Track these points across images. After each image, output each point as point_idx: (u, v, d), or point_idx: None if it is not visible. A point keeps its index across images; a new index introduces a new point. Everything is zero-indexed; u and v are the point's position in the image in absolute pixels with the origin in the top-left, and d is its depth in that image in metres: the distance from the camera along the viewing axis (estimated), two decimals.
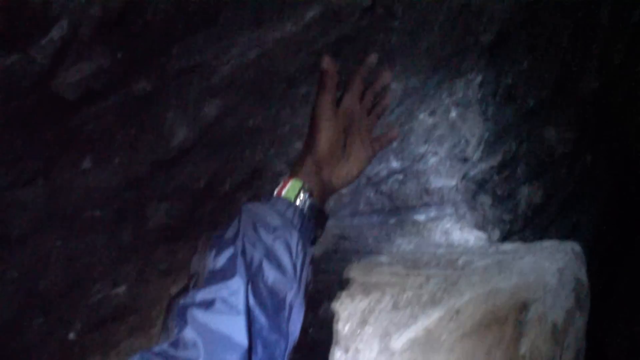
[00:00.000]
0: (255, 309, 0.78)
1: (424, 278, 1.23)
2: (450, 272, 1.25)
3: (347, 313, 1.20)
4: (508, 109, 1.81)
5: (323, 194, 0.97)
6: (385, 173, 1.69)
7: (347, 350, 1.17)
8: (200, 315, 0.76)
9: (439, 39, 1.52)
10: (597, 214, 2.46)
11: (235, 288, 0.78)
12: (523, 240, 1.85)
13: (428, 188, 1.73)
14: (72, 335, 1.29)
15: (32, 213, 1.09)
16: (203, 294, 0.78)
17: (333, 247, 1.56)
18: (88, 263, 1.24)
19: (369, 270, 1.30)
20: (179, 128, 1.18)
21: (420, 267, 1.30)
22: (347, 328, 1.18)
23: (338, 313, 1.20)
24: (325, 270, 1.37)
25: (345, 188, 1.12)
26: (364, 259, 1.38)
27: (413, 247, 1.60)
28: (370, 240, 1.64)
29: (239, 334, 0.74)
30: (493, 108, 1.75)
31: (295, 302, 0.84)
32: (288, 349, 0.82)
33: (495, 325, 1.10)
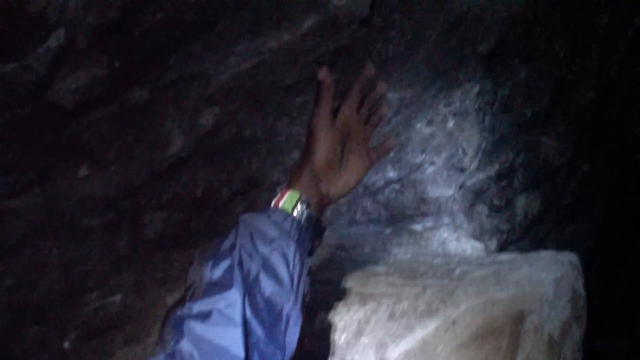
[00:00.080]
0: (252, 321, 0.78)
1: (421, 288, 1.23)
2: (447, 282, 1.25)
3: (343, 323, 1.19)
4: (505, 119, 1.81)
5: (320, 205, 0.96)
6: (382, 183, 1.69)
7: None
8: (197, 327, 0.75)
9: (437, 50, 1.53)
10: (594, 224, 2.46)
11: (232, 300, 0.78)
12: (520, 250, 1.85)
13: (425, 198, 1.73)
14: (67, 344, 1.28)
15: (27, 221, 1.09)
16: (200, 306, 0.78)
17: (329, 256, 1.56)
18: (84, 272, 1.23)
19: (365, 280, 1.30)
20: (176, 137, 1.18)
21: (417, 277, 1.30)
22: (343, 338, 1.17)
23: (334, 323, 1.20)
24: (322, 280, 1.37)
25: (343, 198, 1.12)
26: (361, 269, 1.37)
27: (410, 257, 1.60)
28: (367, 250, 1.64)
29: (236, 346, 0.74)
30: (490, 118, 1.75)
31: (292, 313, 0.84)
32: None
33: (492, 336, 1.10)
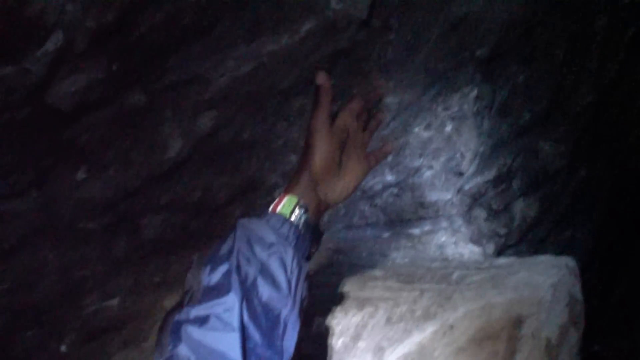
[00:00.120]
0: (250, 326, 0.78)
1: (418, 292, 1.23)
2: (445, 286, 1.24)
3: (340, 328, 1.19)
4: (503, 123, 1.81)
5: (318, 210, 0.97)
6: (380, 187, 1.69)
7: None
8: (195, 332, 0.75)
9: (435, 53, 1.53)
10: (594, 227, 2.46)
11: (230, 304, 0.78)
12: (518, 255, 1.86)
13: (423, 202, 1.73)
14: (64, 348, 1.28)
15: (26, 223, 1.09)
16: (197, 311, 0.78)
17: (327, 260, 1.56)
18: (82, 274, 1.23)
19: (363, 285, 1.30)
20: (174, 140, 1.18)
21: (415, 281, 1.30)
22: (340, 343, 1.17)
23: (331, 327, 1.20)
24: (319, 284, 1.37)
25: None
26: (358, 273, 1.37)
27: (407, 261, 1.60)
28: (364, 254, 1.64)
29: (233, 351, 0.74)
30: (488, 122, 1.75)
31: (290, 318, 0.84)
32: None
33: (489, 341, 1.10)
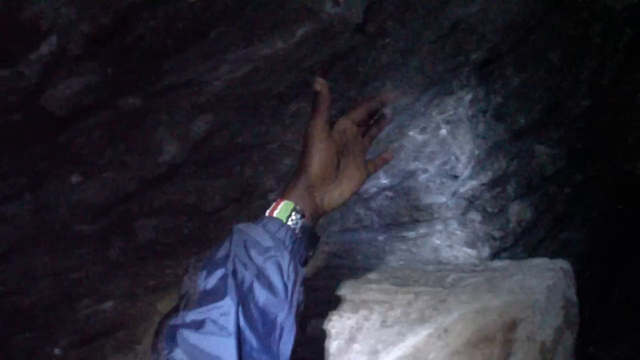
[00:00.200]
0: (246, 330, 0.78)
1: (413, 295, 1.23)
2: (440, 289, 1.24)
3: (335, 330, 1.19)
4: (498, 127, 1.81)
5: (315, 215, 0.96)
6: (375, 190, 1.69)
7: None
8: (191, 336, 0.75)
9: (430, 57, 1.53)
10: (590, 232, 2.47)
11: (226, 309, 0.77)
12: (513, 257, 1.86)
13: (418, 205, 1.73)
14: (58, 351, 1.28)
15: (19, 228, 1.09)
16: (193, 315, 0.78)
17: (322, 263, 1.56)
18: (75, 278, 1.23)
19: (358, 288, 1.30)
20: (169, 144, 1.18)
21: (409, 284, 1.30)
22: (335, 345, 1.17)
23: (326, 330, 1.20)
24: (314, 287, 1.37)
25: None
26: (353, 276, 1.37)
27: (402, 264, 1.60)
28: (359, 257, 1.64)
29: (230, 356, 0.74)
30: (483, 125, 1.75)
31: (286, 323, 0.84)
32: None
33: (484, 344, 1.10)
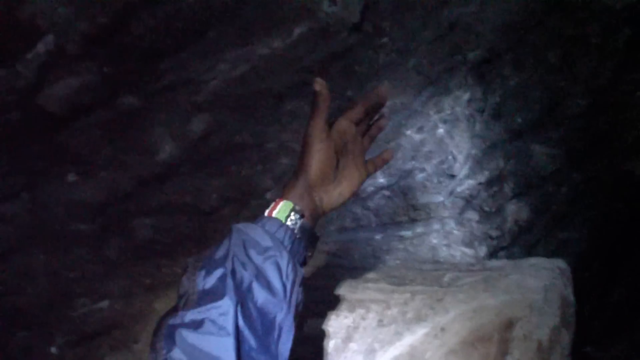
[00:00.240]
0: (245, 330, 0.78)
1: (410, 295, 1.23)
2: (436, 288, 1.25)
3: (331, 329, 1.19)
4: (496, 126, 1.82)
5: (314, 215, 0.96)
6: (372, 189, 1.69)
7: None
8: (189, 336, 0.75)
9: (427, 56, 1.53)
10: (589, 231, 2.47)
11: (225, 309, 0.77)
12: (510, 257, 1.86)
13: (415, 204, 1.73)
14: (54, 350, 1.28)
15: (16, 227, 1.08)
16: (192, 315, 0.77)
17: (319, 262, 1.56)
18: (72, 277, 1.23)
19: (354, 287, 1.30)
20: (166, 143, 1.17)
21: (406, 283, 1.30)
22: (331, 344, 1.17)
23: (323, 329, 1.20)
24: (311, 286, 1.37)
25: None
26: (350, 275, 1.37)
27: (399, 263, 1.60)
28: (356, 256, 1.64)
29: (228, 355, 0.74)
30: (481, 125, 1.75)
31: (285, 323, 0.83)
32: None
33: (481, 343, 1.10)
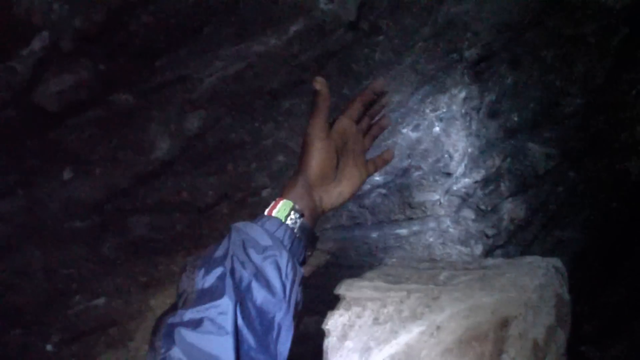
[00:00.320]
0: (244, 329, 0.77)
1: (405, 293, 1.23)
2: (432, 287, 1.24)
3: (327, 327, 1.19)
4: (492, 125, 1.82)
5: (314, 215, 0.96)
6: (369, 187, 1.69)
7: None
8: (188, 335, 0.75)
9: (424, 55, 1.53)
10: (582, 231, 2.47)
11: (224, 308, 0.77)
12: (506, 255, 1.86)
13: (411, 202, 1.73)
14: (49, 347, 1.28)
15: (11, 224, 1.08)
16: (191, 314, 0.77)
17: (314, 260, 1.56)
18: (68, 275, 1.23)
19: (350, 285, 1.30)
20: (161, 141, 1.17)
21: (402, 281, 1.30)
22: (327, 343, 1.17)
23: (318, 328, 1.20)
24: (306, 284, 1.37)
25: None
26: (345, 273, 1.37)
27: (395, 261, 1.60)
28: (352, 254, 1.64)
29: (227, 354, 0.74)
30: (477, 123, 1.75)
31: (284, 322, 0.83)
32: None
33: (476, 342, 1.10)
